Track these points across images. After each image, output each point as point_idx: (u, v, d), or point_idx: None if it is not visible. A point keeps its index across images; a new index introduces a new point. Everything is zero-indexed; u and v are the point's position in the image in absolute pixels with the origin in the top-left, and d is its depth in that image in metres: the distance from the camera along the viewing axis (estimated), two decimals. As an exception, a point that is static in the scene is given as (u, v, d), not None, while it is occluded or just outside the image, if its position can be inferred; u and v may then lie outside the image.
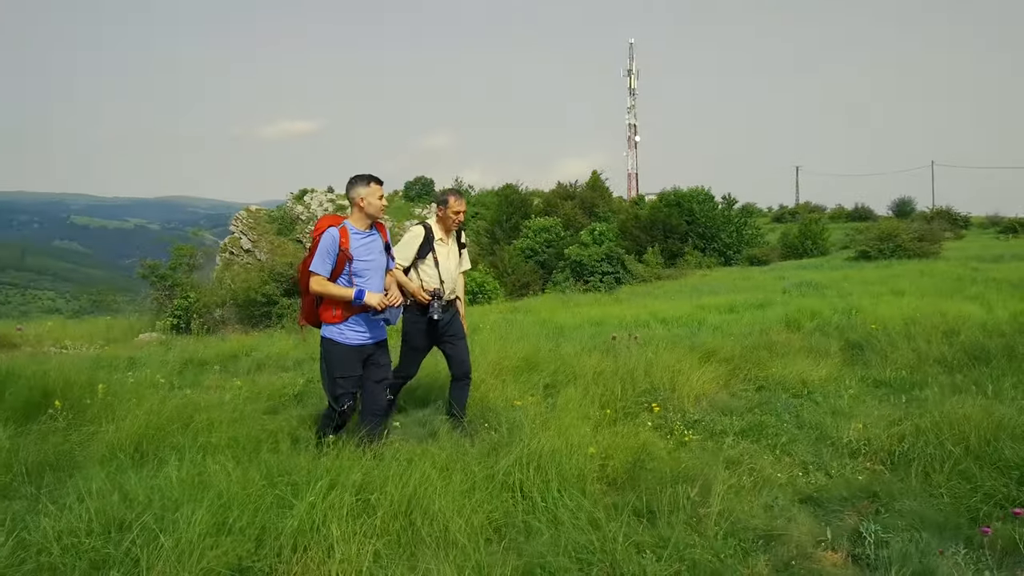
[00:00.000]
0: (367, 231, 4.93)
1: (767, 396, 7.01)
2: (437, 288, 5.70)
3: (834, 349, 8.98)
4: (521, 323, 12.69)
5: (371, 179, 4.87)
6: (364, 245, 4.85)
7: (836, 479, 4.68)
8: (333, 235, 4.74)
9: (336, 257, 4.74)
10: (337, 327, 4.84)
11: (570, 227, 45.82)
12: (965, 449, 4.71)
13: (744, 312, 13.37)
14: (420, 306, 5.72)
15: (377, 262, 4.94)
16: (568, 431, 4.87)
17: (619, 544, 3.54)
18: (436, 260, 5.81)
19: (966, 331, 9.15)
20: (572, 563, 3.41)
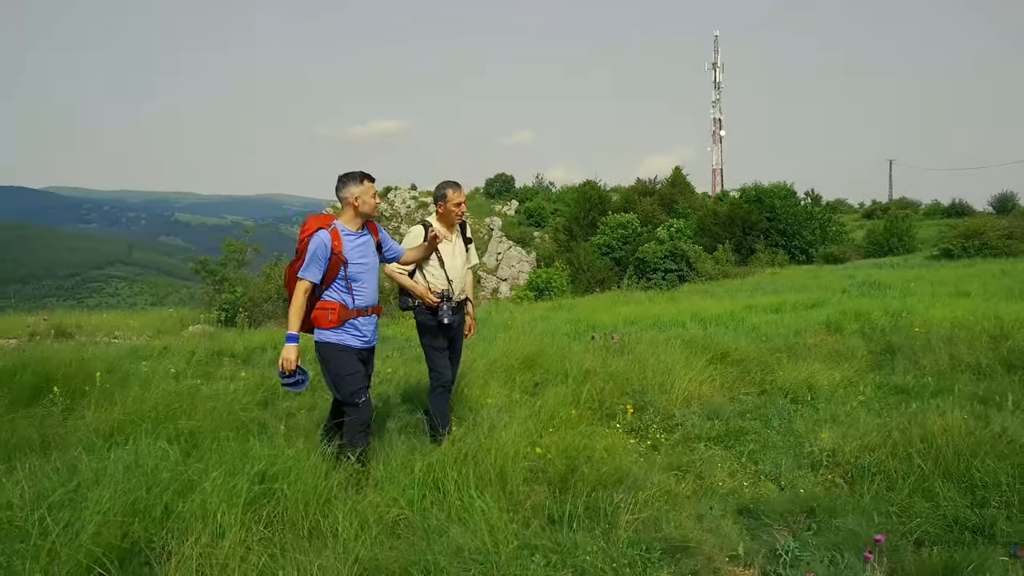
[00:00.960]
0: (359, 232, 4.67)
1: (766, 401, 6.72)
2: (445, 289, 5.39)
3: (861, 353, 8.56)
4: (554, 321, 12.61)
5: (364, 176, 4.60)
6: (358, 247, 4.62)
7: (785, 491, 4.44)
8: (323, 239, 4.48)
9: (328, 261, 4.49)
10: (334, 331, 4.60)
11: (648, 223, 45.26)
12: (935, 464, 4.40)
13: (790, 312, 12.91)
14: (430, 309, 5.38)
15: (371, 264, 4.74)
16: (517, 431, 4.81)
17: (510, 546, 3.46)
18: (441, 259, 5.43)
19: (1018, 336, 8.56)
20: (452, 563, 3.35)
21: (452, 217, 5.55)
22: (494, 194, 64.85)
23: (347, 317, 4.60)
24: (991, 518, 3.74)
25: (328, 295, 4.60)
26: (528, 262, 53.05)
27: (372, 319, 4.76)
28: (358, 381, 4.64)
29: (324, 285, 4.58)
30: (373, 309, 4.77)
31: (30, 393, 6.37)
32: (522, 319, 12.63)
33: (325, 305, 4.59)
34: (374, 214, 4.74)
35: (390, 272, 5.37)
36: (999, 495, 3.93)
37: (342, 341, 4.61)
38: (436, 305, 5.32)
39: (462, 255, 5.64)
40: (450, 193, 5.48)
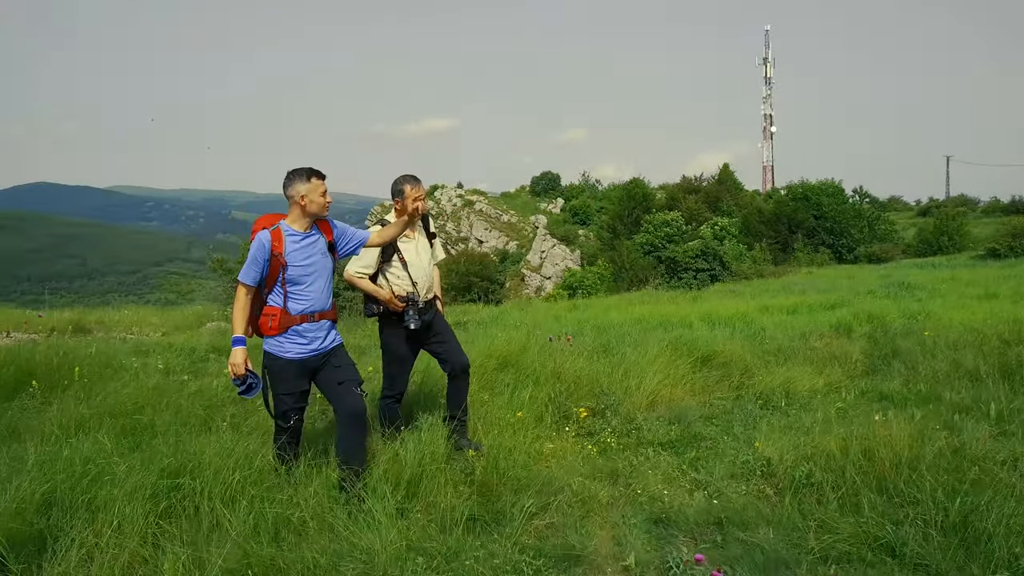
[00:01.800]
0: (306, 232, 4.30)
1: (737, 406, 6.57)
2: (410, 292, 5.07)
3: (856, 357, 8.30)
4: (565, 321, 12.55)
5: (312, 173, 4.25)
6: (301, 248, 4.26)
7: (713, 501, 4.32)
8: (262, 240, 4.19)
9: (267, 264, 4.18)
10: (276, 339, 4.27)
11: (692, 222, 44.70)
12: (870, 477, 4.22)
13: (805, 314, 12.64)
14: (395, 314, 5.08)
15: (318, 266, 4.33)
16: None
17: (393, 547, 3.46)
18: (403, 260, 5.11)
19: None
20: (333, 562, 3.36)
21: (412, 212, 5.01)
22: (540, 192, 64.85)
23: (289, 323, 4.25)
24: (904, 537, 3.57)
25: (271, 299, 4.28)
26: (572, 260, 52.89)
27: (321, 325, 4.36)
28: (292, 402, 4.35)
29: (267, 288, 4.28)
30: (322, 315, 4.36)
31: (13, 386, 6.58)
32: (532, 319, 12.58)
33: (267, 311, 4.28)
34: (323, 214, 4.36)
35: (349, 277, 5.11)
36: (919, 513, 3.75)
37: (282, 352, 4.27)
38: (402, 310, 5.03)
39: (427, 252, 5.31)
40: (407, 188, 5.07)
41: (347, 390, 4.36)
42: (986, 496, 3.78)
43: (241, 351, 4.17)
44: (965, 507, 3.67)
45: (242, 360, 4.18)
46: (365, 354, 8.79)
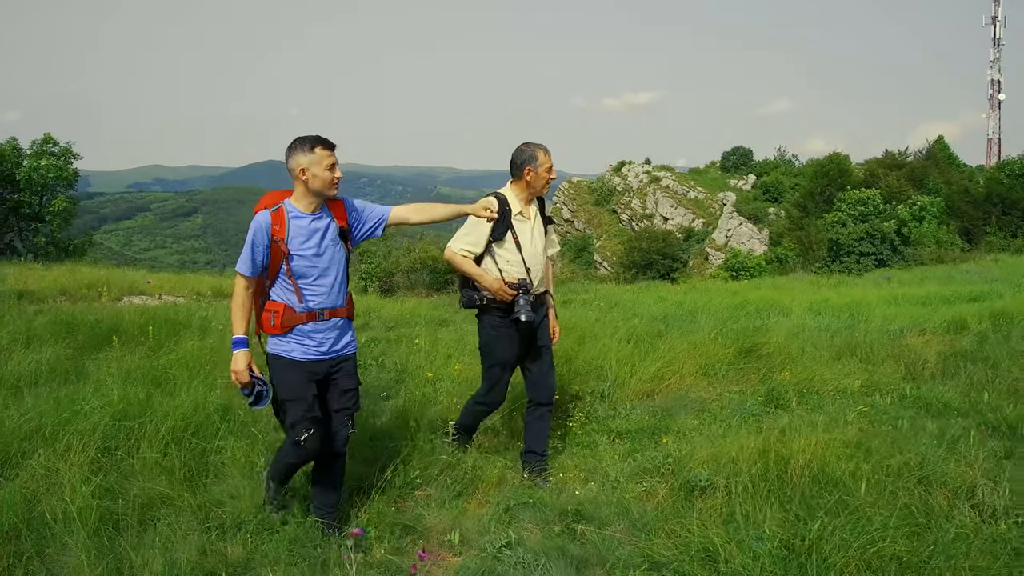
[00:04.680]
0: (314, 214, 3.69)
1: (740, 400, 6.24)
2: (523, 279, 4.37)
3: (932, 360, 7.50)
4: (666, 304, 12.27)
5: (317, 142, 3.63)
6: (308, 234, 3.66)
7: (594, 493, 4.24)
8: (262, 222, 3.58)
9: (267, 251, 3.61)
10: (280, 339, 3.71)
11: (892, 200, 41.21)
12: (761, 486, 3.95)
13: (935, 305, 11.48)
14: (501, 305, 4.40)
15: (328, 256, 3.71)
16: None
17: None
18: (517, 241, 4.39)
19: None
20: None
21: (541, 185, 4.48)
22: (730, 168, 62.47)
23: (294, 322, 3.67)
24: (731, 552, 3.34)
25: (274, 294, 3.72)
26: (759, 240, 50.66)
27: (332, 324, 3.76)
28: (300, 410, 3.68)
29: (270, 280, 3.71)
30: (333, 312, 3.75)
31: (103, 340, 7.63)
32: (633, 299, 12.42)
33: (270, 306, 3.70)
34: (331, 192, 3.69)
35: (450, 256, 4.44)
36: (779, 529, 3.49)
37: (288, 352, 3.69)
38: (511, 299, 4.33)
39: (542, 238, 4.58)
40: (541, 155, 4.40)
41: (339, 421, 3.85)
42: (850, 521, 3.46)
43: (243, 355, 3.61)
44: (820, 530, 3.38)
45: (245, 365, 3.61)
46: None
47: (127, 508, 3.82)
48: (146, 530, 3.71)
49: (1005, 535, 3.66)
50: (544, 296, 4.65)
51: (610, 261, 51.41)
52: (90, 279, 12.37)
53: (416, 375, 6.56)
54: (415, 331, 9.19)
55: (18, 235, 21.03)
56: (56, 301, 10.93)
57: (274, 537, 3.67)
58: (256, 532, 3.74)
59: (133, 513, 3.80)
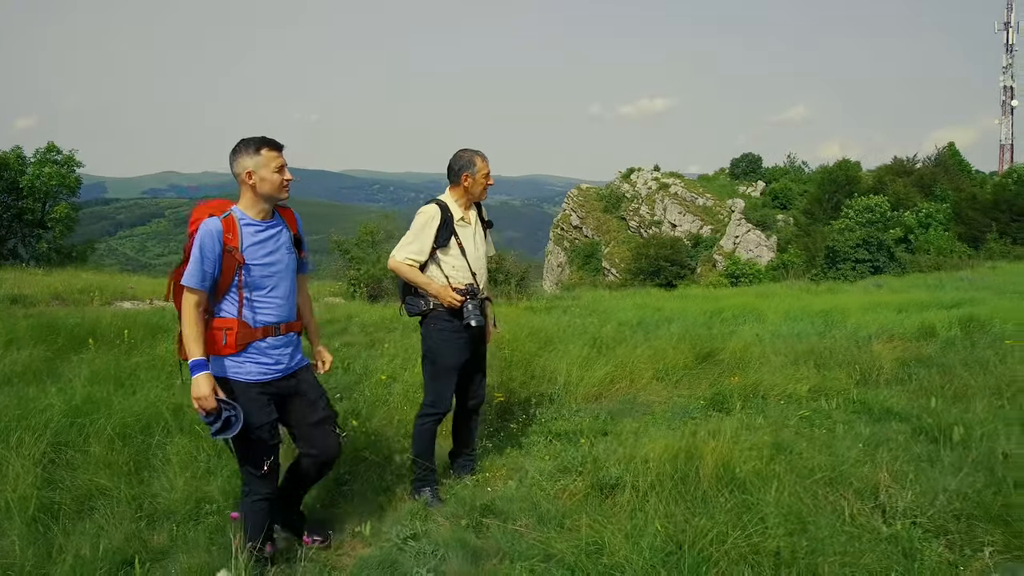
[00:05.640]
0: (267, 221, 3.51)
1: (683, 404, 6.41)
2: (470, 284, 4.44)
3: (888, 365, 7.62)
4: (644, 310, 12.42)
5: (263, 143, 3.43)
6: (261, 242, 3.46)
7: (521, 490, 4.43)
8: (211, 230, 3.33)
9: (220, 261, 3.35)
10: (233, 359, 3.43)
11: (899, 207, 41.15)
12: (666, 486, 4.12)
13: (913, 312, 11.55)
14: (447, 312, 4.43)
15: (283, 264, 3.54)
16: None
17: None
18: (461, 246, 4.43)
19: None
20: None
21: (479, 191, 4.52)
22: (739, 175, 62.37)
23: (249, 339, 3.43)
24: (616, 545, 3.51)
25: (223, 309, 3.43)
26: (767, 246, 50.55)
27: (287, 340, 3.58)
28: (263, 437, 3.46)
29: (217, 296, 3.43)
30: (288, 326, 3.57)
31: (80, 342, 7.90)
32: (608, 306, 12.58)
33: (219, 323, 3.41)
34: (282, 196, 3.49)
35: (395, 267, 4.40)
36: (672, 525, 3.66)
37: (242, 375, 3.43)
38: (460, 305, 4.37)
39: (483, 243, 4.64)
40: (479, 162, 4.45)
41: (324, 432, 3.70)
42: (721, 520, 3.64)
43: (205, 378, 3.27)
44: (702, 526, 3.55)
45: (209, 389, 3.27)
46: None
47: (65, 498, 4.06)
48: (82, 519, 3.95)
49: (899, 535, 3.81)
50: (485, 301, 4.65)
51: (618, 268, 51.52)
52: (84, 284, 12.69)
53: (376, 378, 6.76)
54: (391, 336, 9.40)
55: (21, 241, 21.48)
56: (48, 305, 11.25)
57: (199, 526, 3.89)
58: (183, 521, 3.96)
59: (72, 503, 4.04)
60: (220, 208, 3.44)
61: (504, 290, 13.80)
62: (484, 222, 4.68)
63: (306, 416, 3.64)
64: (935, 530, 3.91)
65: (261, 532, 3.51)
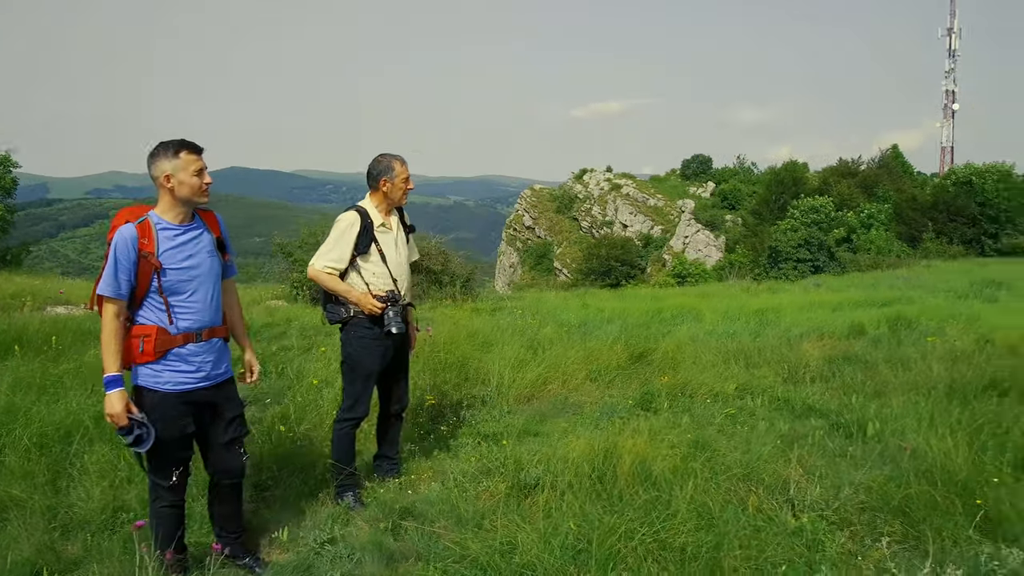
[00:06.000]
0: (186, 225, 3.47)
1: (615, 403, 6.52)
2: (391, 291, 4.42)
3: (815, 363, 7.85)
4: (588, 310, 12.57)
5: (182, 146, 3.38)
6: (179, 246, 3.41)
7: (444, 492, 4.48)
8: (125, 237, 3.28)
9: (136, 268, 3.30)
10: (152, 367, 3.38)
11: (843, 207, 42.14)
12: (582, 485, 4.22)
13: (846, 311, 11.91)
14: (368, 319, 4.41)
15: (205, 268, 3.48)
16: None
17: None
18: (382, 253, 4.42)
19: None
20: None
21: (398, 197, 4.51)
22: (690, 176, 63.27)
23: (168, 345, 3.38)
24: (529, 542, 3.59)
25: (141, 316, 3.39)
26: (716, 246, 51.34)
27: (210, 346, 3.52)
28: (174, 452, 3.46)
29: (135, 302, 3.38)
30: (211, 331, 3.52)
31: (4, 350, 7.71)
32: (550, 307, 12.70)
33: (138, 331, 3.37)
34: (201, 199, 3.46)
35: (314, 275, 4.40)
36: (585, 522, 3.75)
37: (160, 385, 3.39)
38: (381, 312, 4.36)
39: (405, 248, 4.62)
40: (398, 166, 4.45)
41: (230, 454, 3.65)
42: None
43: (118, 396, 3.25)
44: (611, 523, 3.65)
45: (122, 407, 3.26)
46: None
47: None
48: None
49: (804, 528, 3.95)
50: (408, 307, 4.65)
51: (570, 268, 51.84)
52: (16, 289, 12.35)
53: (308, 382, 6.74)
54: (329, 340, 9.35)
55: (-48, 244, 20.79)
56: (-25, 311, 10.93)
57: (114, 536, 3.87)
58: (99, 531, 3.93)
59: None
60: (136, 214, 3.38)
61: (449, 292, 13.77)
62: (406, 227, 4.67)
63: (217, 435, 3.62)
64: (839, 522, 4.07)
65: (172, 540, 3.49)
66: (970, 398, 6.15)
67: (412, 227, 4.74)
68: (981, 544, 3.69)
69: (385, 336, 4.39)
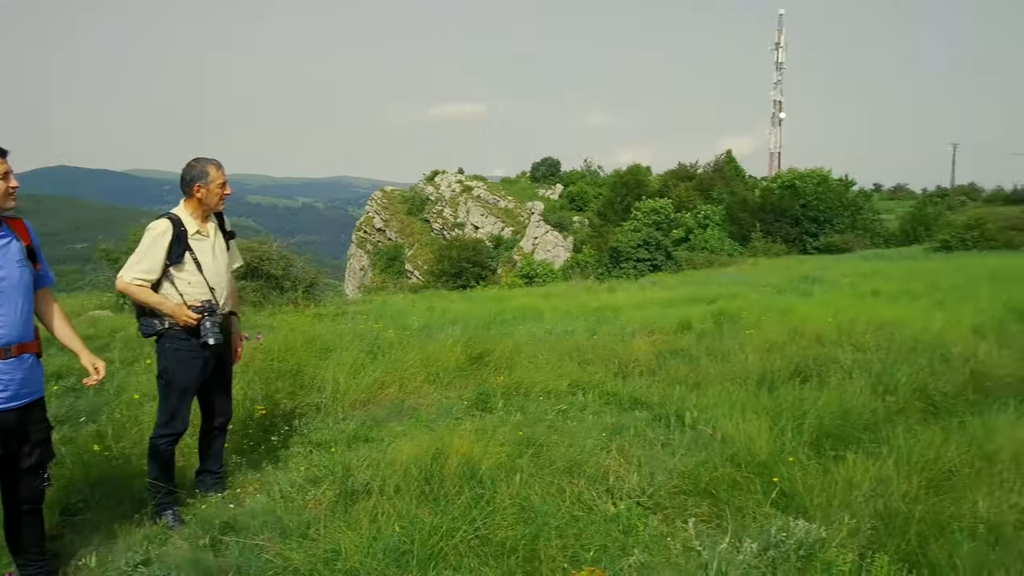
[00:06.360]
0: None
1: (453, 405, 6.62)
2: (207, 300, 4.25)
3: (643, 358, 8.27)
4: (435, 312, 12.65)
5: None
6: None
7: (261, 504, 4.41)
8: None
9: None
10: None
11: (682, 209, 44.42)
12: (421, 478, 4.30)
13: (678, 307, 12.59)
14: (187, 330, 4.23)
15: (12, 279, 3.26)
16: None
17: None
18: (197, 261, 4.25)
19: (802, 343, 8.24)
20: None
21: (214, 203, 4.34)
22: (540, 178, 64.74)
23: None
24: (350, 547, 3.63)
25: None
26: (564, 247, 52.79)
27: (20, 363, 3.29)
28: None
29: None
30: (21, 347, 3.29)
31: None
32: (394, 309, 12.69)
33: None
34: (8, 205, 3.28)
35: (124, 288, 4.22)
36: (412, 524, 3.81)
37: None
38: (197, 323, 4.19)
39: (224, 255, 4.46)
40: (213, 171, 4.27)
41: (28, 480, 3.44)
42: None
43: None
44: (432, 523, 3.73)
45: None
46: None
47: None
48: None
49: (621, 514, 4.18)
50: (229, 316, 4.52)
51: (421, 270, 51.77)
52: None
53: (129, 396, 6.40)
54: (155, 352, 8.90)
55: None
56: None
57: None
58: None
59: None
60: None
61: (291, 297, 13.42)
62: (225, 233, 4.52)
63: (19, 460, 3.37)
64: (653, 507, 4.35)
65: None
66: (777, 385, 6.68)
67: (232, 233, 4.58)
68: (775, 518, 4.03)
69: (202, 348, 4.22)
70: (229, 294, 4.51)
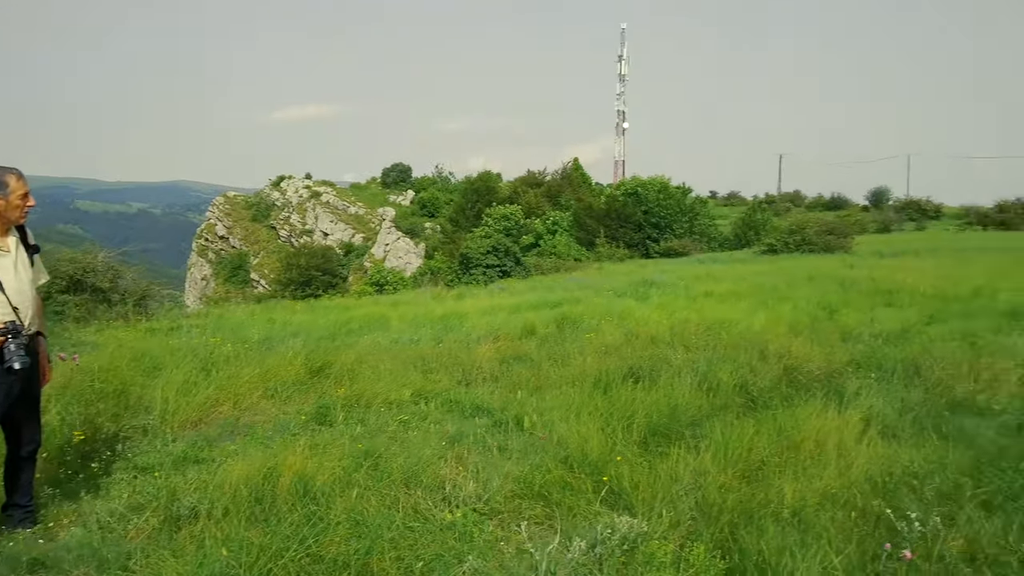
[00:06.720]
0: None
1: (290, 420, 6.46)
2: (10, 321, 3.97)
3: (487, 365, 8.40)
4: (276, 323, 12.32)
5: None
6: None
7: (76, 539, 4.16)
8: None
9: None
10: None
11: (531, 215, 45.38)
12: (252, 499, 4.18)
13: (525, 312, 12.85)
14: None
15: None
16: None
17: None
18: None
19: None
20: None
21: (16, 215, 4.06)
22: (390, 184, 64.22)
23: None
24: (203, 559, 3.51)
25: None
26: (416, 253, 52.64)
27: None
28: None
29: None
30: None
31: None
32: (234, 321, 12.25)
33: None
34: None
35: None
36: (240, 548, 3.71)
37: None
38: (0, 347, 3.95)
39: (27, 271, 4.16)
40: (13, 181, 3.98)
41: None
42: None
43: None
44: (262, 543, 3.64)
45: None
46: None
47: None
48: None
49: (457, 522, 4.22)
50: (36, 337, 4.22)
51: (268, 279, 50.06)
52: None
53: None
54: None
55: None
56: None
57: None
58: None
59: None
60: None
61: (121, 311, 12.62)
62: (29, 247, 4.21)
63: None
64: (489, 512, 4.43)
65: None
66: (612, 387, 6.96)
67: (36, 247, 4.28)
68: (603, 516, 4.21)
69: (7, 372, 3.92)
70: (35, 313, 4.21)
